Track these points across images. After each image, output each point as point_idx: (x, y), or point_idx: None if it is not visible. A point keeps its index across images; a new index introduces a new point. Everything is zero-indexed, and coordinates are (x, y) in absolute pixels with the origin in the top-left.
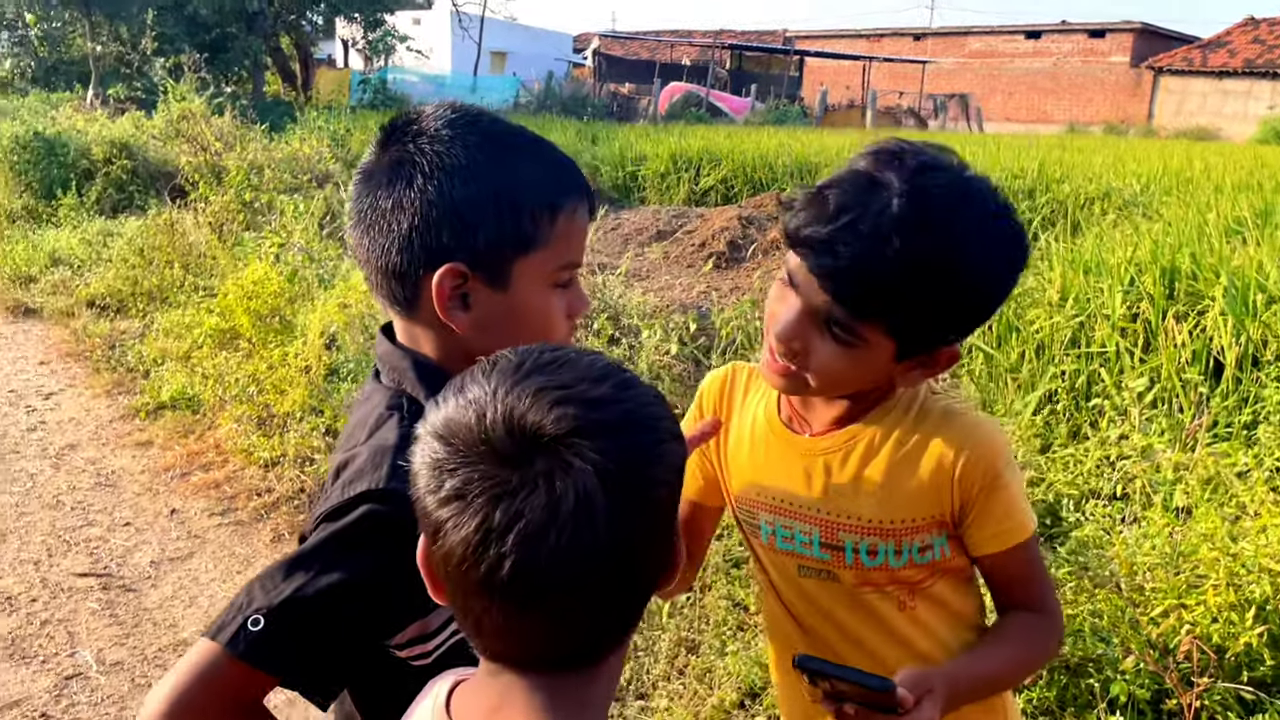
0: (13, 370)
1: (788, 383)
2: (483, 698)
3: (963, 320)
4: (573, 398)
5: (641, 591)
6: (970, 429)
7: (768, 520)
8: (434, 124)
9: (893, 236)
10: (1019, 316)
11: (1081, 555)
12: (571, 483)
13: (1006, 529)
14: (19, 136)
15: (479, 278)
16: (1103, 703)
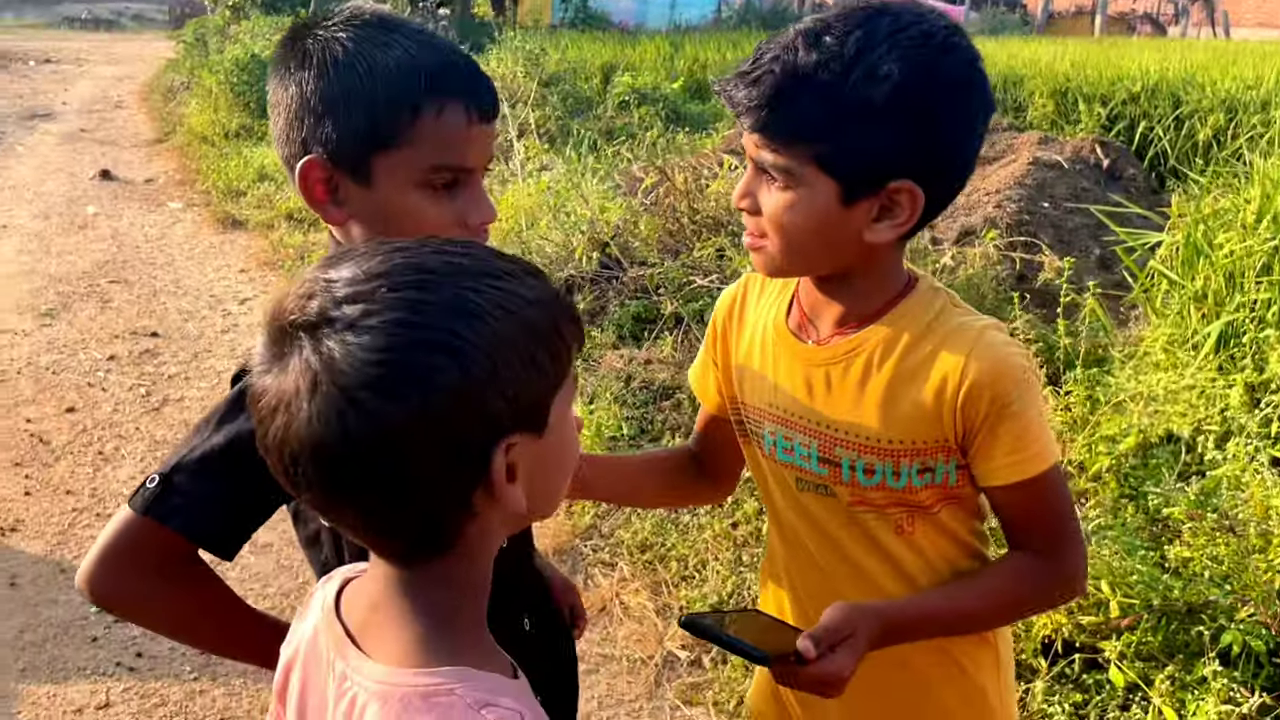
0: (216, 277)
1: (759, 258)
2: (365, 594)
3: (899, 146)
4: (328, 290)
5: (414, 505)
6: (982, 348)
7: (770, 430)
8: (327, 23)
9: (798, 50)
10: (1208, 240)
11: (1215, 496)
12: (293, 373)
13: (1014, 462)
14: (238, 59)
15: (341, 172)
16: (1212, 652)
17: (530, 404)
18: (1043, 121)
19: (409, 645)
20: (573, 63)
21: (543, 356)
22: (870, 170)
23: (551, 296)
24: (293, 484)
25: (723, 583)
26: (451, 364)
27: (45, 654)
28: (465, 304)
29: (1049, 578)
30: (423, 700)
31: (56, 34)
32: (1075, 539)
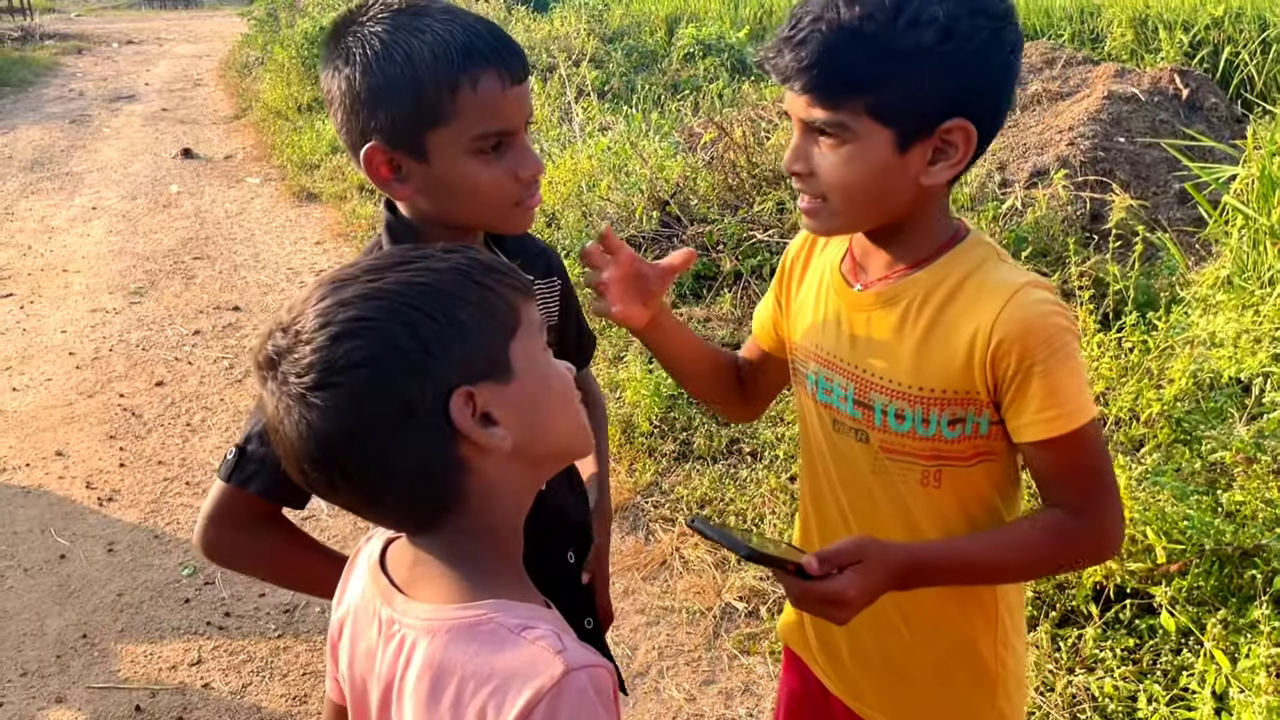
0: (293, 250)
1: (817, 221)
2: (406, 553)
3: (950, 86)
4: (277, 328)
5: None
6: (1015, 305)
7: (813, 371)
8: (362, 18)
9: (839, 6)
10: None
11: (1273, 437)
12: (270, 401)
13: (1046, 418)
14: (308, 32)
15: (400, 153)
16: (1265, 595)
17: (474, 356)
18: (1122, 51)
19: (451, 587)
20: (636, 16)
21: (467, 312)
22: (923, 114)
23: (464, 260)
24: (315, 491)
25: (780, 535)
26: (365, 342)
27: (142, 615)
28: (370, 293)
29: (1081, 536)
30: (468, 629)
31: (136, 14)
32: (1110, 498)
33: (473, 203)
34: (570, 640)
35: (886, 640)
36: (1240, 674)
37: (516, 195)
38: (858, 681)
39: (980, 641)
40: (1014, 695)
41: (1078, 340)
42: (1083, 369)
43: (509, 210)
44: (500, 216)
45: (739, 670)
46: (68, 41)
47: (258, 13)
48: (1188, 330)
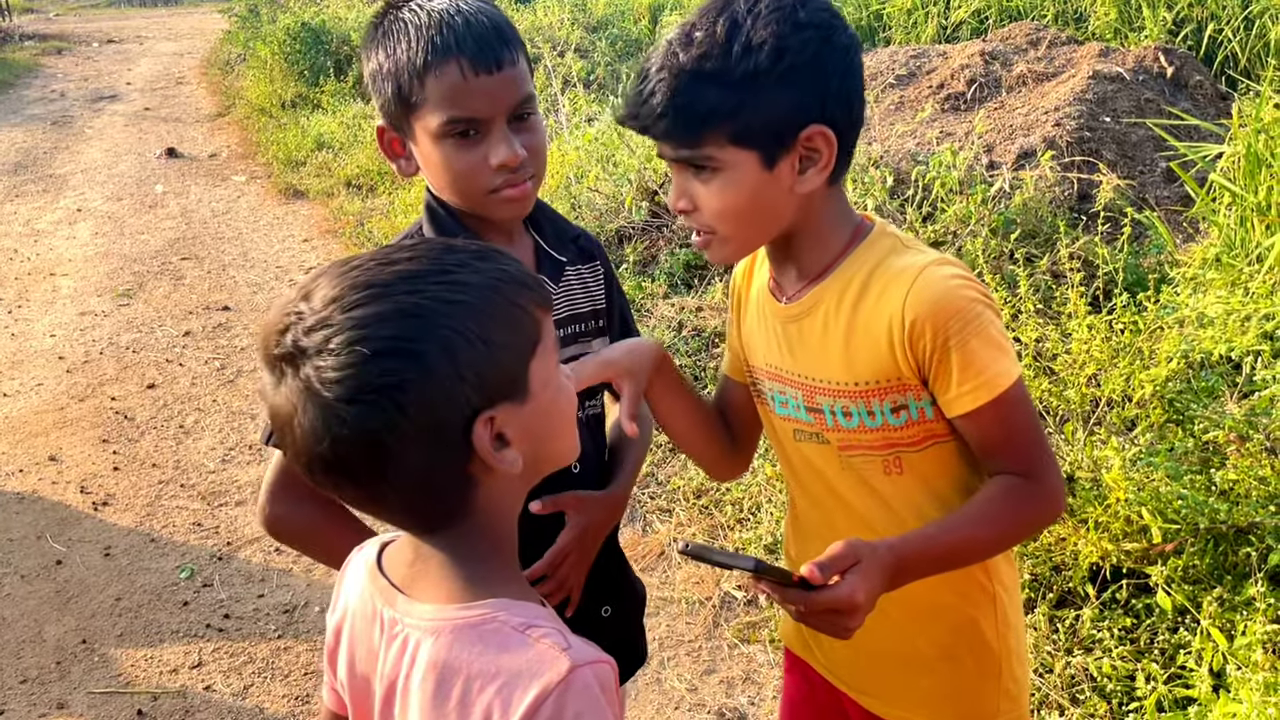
0: (281, 248)
1: (712, 252)
2: (404, 553)
3: (796, 98)
4: (298, 322)
5: (417, 488)
6: (920, 285)
7: (769, 387)
8: (393, 5)
9: (677, 54)
10: (1270, 149)
11: (1265, 415)
12: (284, 398)
13: (970, 389)
14: (289, 28)
15: (399, 134)
16: (1260, 572)
17: (500, 378)
18: (1105, 31)
19: (451, 586)
20: (619, 5)
21: (499, 332)
22: (779, 130)
23: (497, 274)
24: (317, 484)
25: (776, 524)
26: (408, 365)
27: (141, 619)
28: (411, 308)
29: (1035, 497)
30: (472, 629)
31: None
32: (1049, 456)
33: (453, 186)
34: (574, 637)
35: (887, 629)
36: (1237, 651)
37: (491, 182)
38: (863, 675)
39: (982, 621)
40: (1018, 673)
41: (991, 309)
42: (1001, 335)
43: (486, 197)
44: (480, 203)
45: (739, 659)
46: (47, 42)
47: (239, 9)
48: (1178, 310)
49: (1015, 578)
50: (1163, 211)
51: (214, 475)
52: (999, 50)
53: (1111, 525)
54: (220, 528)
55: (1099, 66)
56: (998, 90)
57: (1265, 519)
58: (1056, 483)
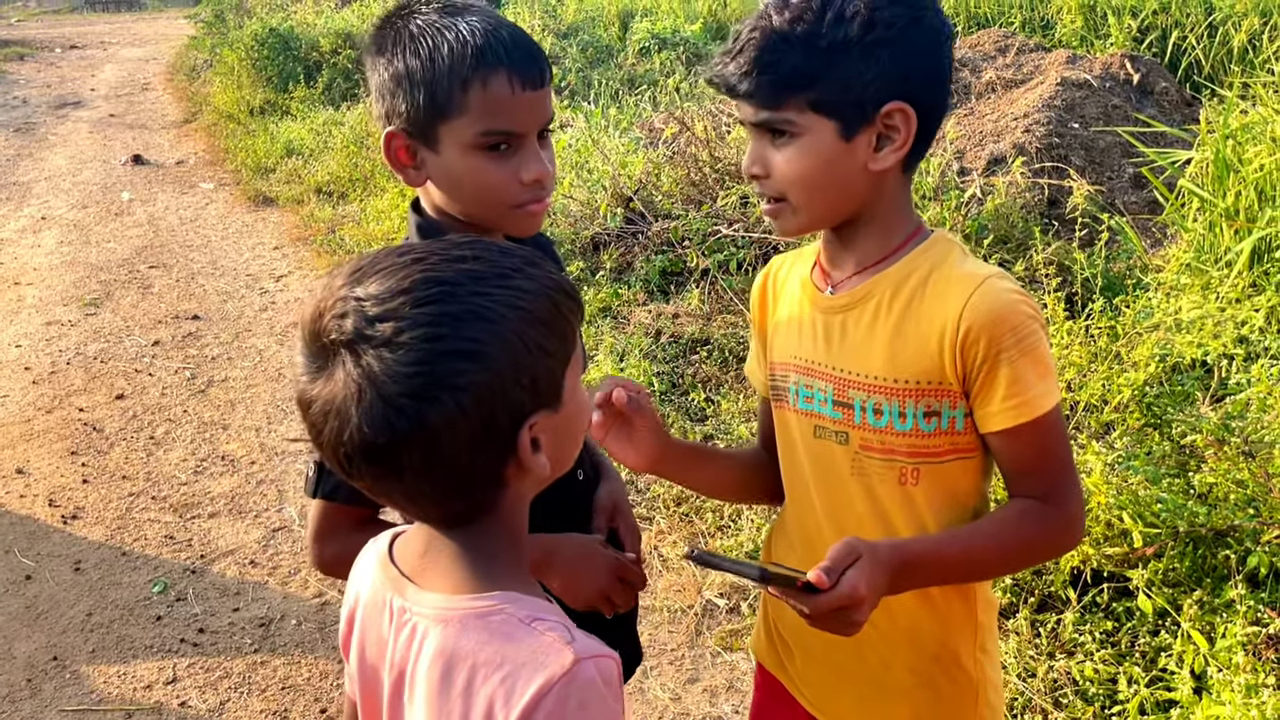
0: (251, 256)
1: (781, 221)
2: (415, 543)
3: (880, 72)
4: (360, 309)
5: (455, 486)
6: (981, 295)
7: (794, 381)
8: (406, 10)
9: (771, 16)
10: (1238, 155)
11: (1240, 419)
12: (338, 386)
13: (1012, 405)
14: (257, 33)
15: (416, 140)
16: (1239, 575)
17: (547, 384)
18: (1072, 38)
19: (461, 577)
20: (590, 11)
21: (551, 340)
22: (861, 101)
23: (551, 283)
24: (348, 474)
25: (756, 531)
26: (475, 367)
27: (113, 634)
28: (480, 310)
29: (1054, 522)
30: (479, 619)
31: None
32: (1074, 484)
33: (476, 199)
34: (578, 632)
35: (864, 651)
36: (1218, 653)
37: (518, 197)
38: (835, 698)
39: (961, 649)
40: (994, 701)
41: (1044, 330)
42: (1049, 358)
43: (510, 211)
44: (503, 216)
45: (723, 667)
46: (9, 48)
47: (205, 15)
48: (1152, 315)
49: (995, 605)
50: (1131, 217)
51: (186, 487)
52: (968, 57)
53: (1092, 529)
54: (193, 540)
55: (1067, 73)
56: (967, 97)
57: (1243, 522)
58: (1077, 511)
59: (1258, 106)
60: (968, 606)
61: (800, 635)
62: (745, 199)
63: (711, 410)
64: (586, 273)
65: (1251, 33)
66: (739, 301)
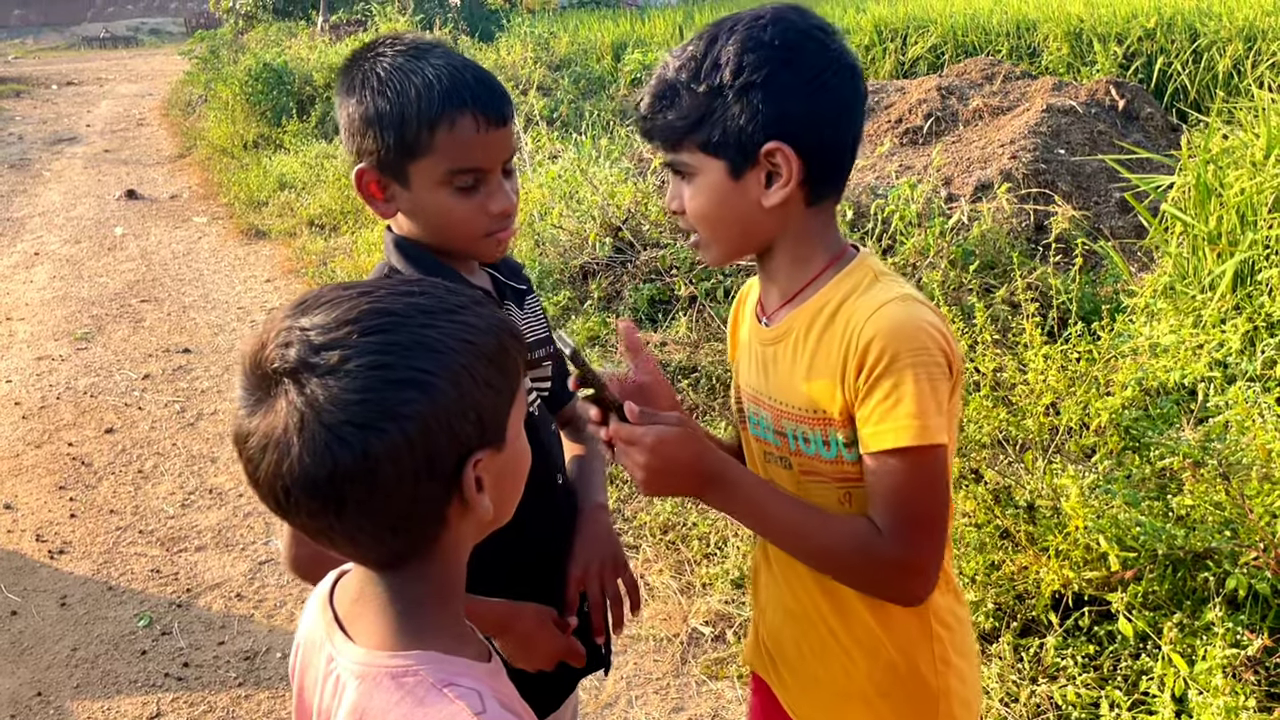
0: (244, 289)
1: (700, 252)
2: (351, 586)
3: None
4: (303, 340)
5: (395, 522)
6: (885, 311)
7: (747, 407)
8: (371, 53)
9: (669, 66)
10: (1219, 179)
11: (1218, 441)
12: (278, 417)
13: (880, 430)
14: (251, 68)
15: (387, 176)
16: (1218, 597)
17: (492, 420)
18: (1058, 65)
19: (385, 631)
20: (582, 43)
21: (496, 377)
22: (741, 142)
23: (497, 321)
24: (284, 511)
25: (742, 558)
26: (421, 396)
27: (98, 670)
28: (429, 342)
29: (879, 553)
30: (392, 680)
31: (76, 55)
32: (925, 537)
33: (447, 231)
34: (491, 702)
35: (828, 659)
36: (1198, 676)
37: (486, 228)
38: (809, 703)
39: (918, 659)
40: (958, 714)
41: (947, 366)
42: (940, 396)
43: (480, 240)
44: (472, 245)
45: (708, 696)
46: (5, 84)
47: (199, 51)
48: (1132, 339)
49: (962, 615)
50: (1117, 242)
51: (173, 521)
52: (955, 85)
53: (1072, 553)
54: (179, 574)
55: (1053, 100)
56: (955, 124)
57: (1221, 544)
58: (917, 561)
59: (1239, 131)
60: (920, 616)
61: (779, 643)
62: None
63: None
64: (575, 301)
65: (1236, 58)
66: (726, 329)
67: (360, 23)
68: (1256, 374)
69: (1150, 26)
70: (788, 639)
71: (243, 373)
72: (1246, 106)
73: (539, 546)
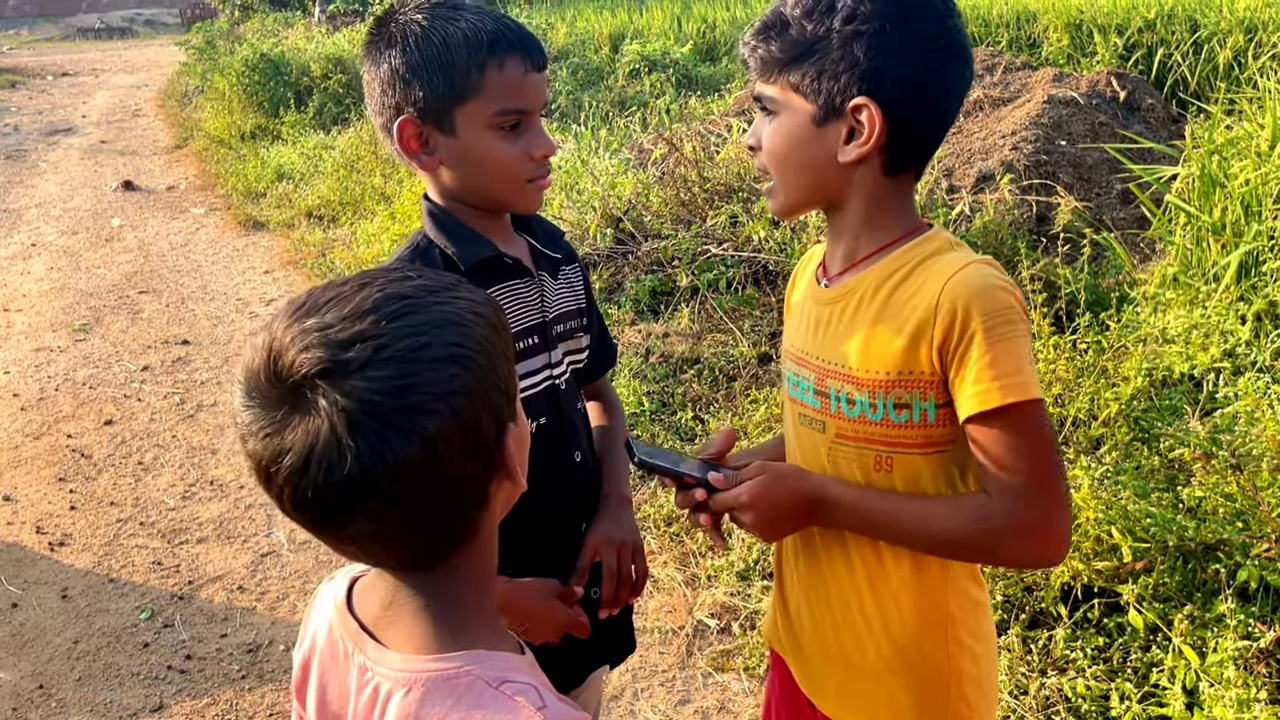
0: (242, 280)
1: (769, 199)
2: (377, 593)
3: (854, 65)
4: (325, 340)
5: (447, 507)
6: (962, 276)
7: (790, 369)
8: (404, 9)
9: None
10: (1223, 170)
11: (1228, 432)
12: (321, 423)
13: (983, 389)
14: (248, 59)
15: (430, 126)
16: (1229, 589)
17: (512, 393)
18: (1058, 56)
19: (425, 634)
20: (581, 34)
21: (506, 347)
22: (832, 90)
23: (485, 295)
24: (335, 526)
25: (748, 550)
26: (462, 371)
27: (100, 662)
28: (451, 316)
29: (997, 521)
30: (445, 683)
31: (71, 46)
32: (1047, 491)
33: (492, 176)
34: (550, 695)
35: (842, 634)
36: (1209, 668)
37: (530, 172)
38: (821, 675)
39: (930, 638)
40: (970, 695)
41: (1025, 323)
42: (1027, 350)
43: (522, 186)
44: (515, 192)
45: (714, 688)
46: (1, 75)
47: (196, 41)
48: (1139, 329)
49: (979, 598)
50: (1120, 232)
51: (174, 513)
52: None
53: (1082, 544)
54: (181, 566)
55: (1053, 91)
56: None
57: (1232, 535)
58: (1039, 521)
59: (1242, 122)
60: (936, 597)
61: (796, 618)
62: (735, 219)
63: (701, 430)
64: None
65: (1236, 49)
66: (728, 320)
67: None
68: (1266, 364)
69: (1150, 18)
70: (805, 612)
71: (253, 390)
72: (1249, 97)
73: (552, 521)
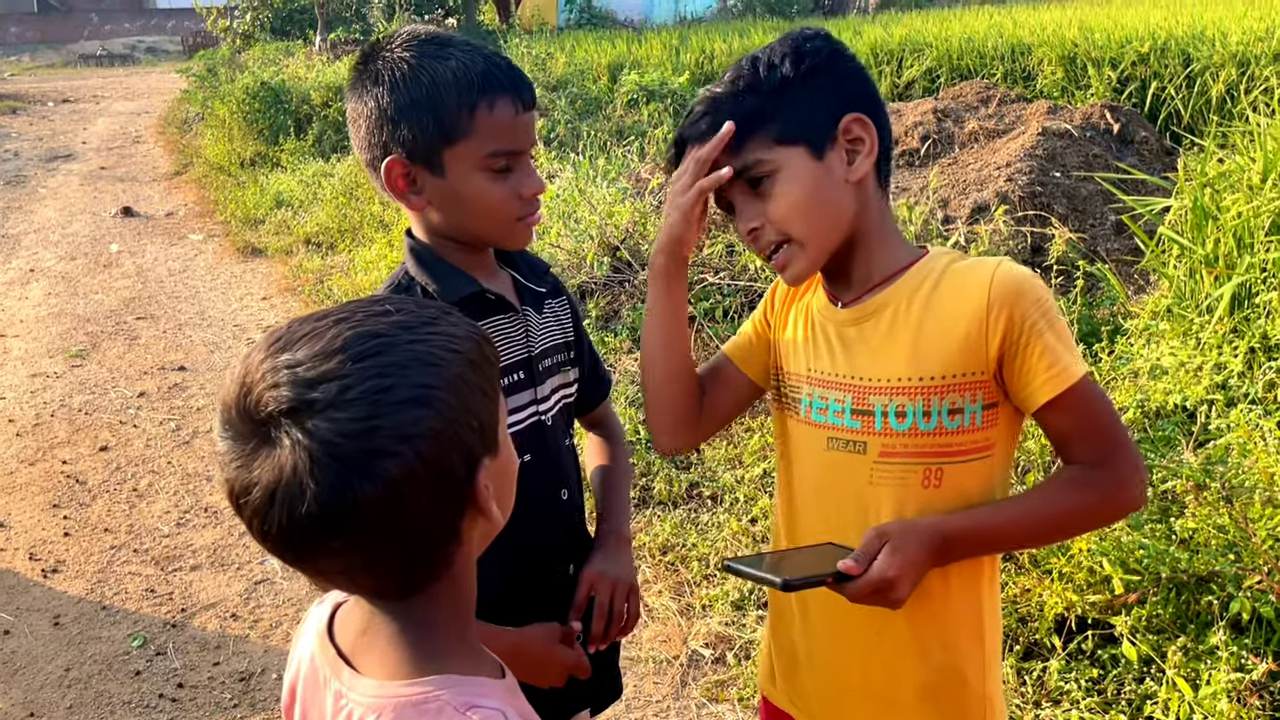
0: (239, 306)
1: (792, 267)
2: (354, 620)
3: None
4: (293, 378)
5: (415, 544)
6: (1003, 273)
7: (807, 393)
8: (391, 45)
9: (721, 86)
10: (1215, 203)
11: (1220, 464)
12: (285, 460)
13: (1051, 377)
14: (249, 87)
15: (419, 166)
16: (1223, 621)
17: (490, 428)
18: (1053, 89)
19: (398, 660)
20: (579, 64)
21: (485, 382)
22: (818, 121)
23: (472, 328)
24: (300, 559)
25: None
26: (428, 412)
27: (91, 690)
28: (423, 356)
29: (1105, 486)
30: (414, 708)
31: (73, 72)
32: (1125, 444)
33: (481, 216)
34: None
35: (870, 668)
36: (1203, 700)
37: (519, 211)
38: (840, 712)
39: (968, 663)
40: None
41: (1056, 307)
42: (1068, 332)
43: (512, 225)
44: (504, 231)
45: (708, 719)
46: (2, 101)
47: (197, 69)
48: (1132, 361)
49: (1000, 622)
50: (1114, 263)
51: (168, 540)
52: (951, 108)
53: (1075, 576)
54: (174, 594)
55: (1048, 123)
56: (951, 146)
57: (1225, 567)
58: (1132, 472)
59: (1235, 155)
60: (975, 621)
61: (808, 662)
62: (731, 247)
63: (696, 457)
64: None
65: (1229, 83)
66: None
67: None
68: (1258, 396)
69: (1144, 51)
70: (823, 654)
71: (226, 422)
72: (1241, 130)
73: (536, 560)
